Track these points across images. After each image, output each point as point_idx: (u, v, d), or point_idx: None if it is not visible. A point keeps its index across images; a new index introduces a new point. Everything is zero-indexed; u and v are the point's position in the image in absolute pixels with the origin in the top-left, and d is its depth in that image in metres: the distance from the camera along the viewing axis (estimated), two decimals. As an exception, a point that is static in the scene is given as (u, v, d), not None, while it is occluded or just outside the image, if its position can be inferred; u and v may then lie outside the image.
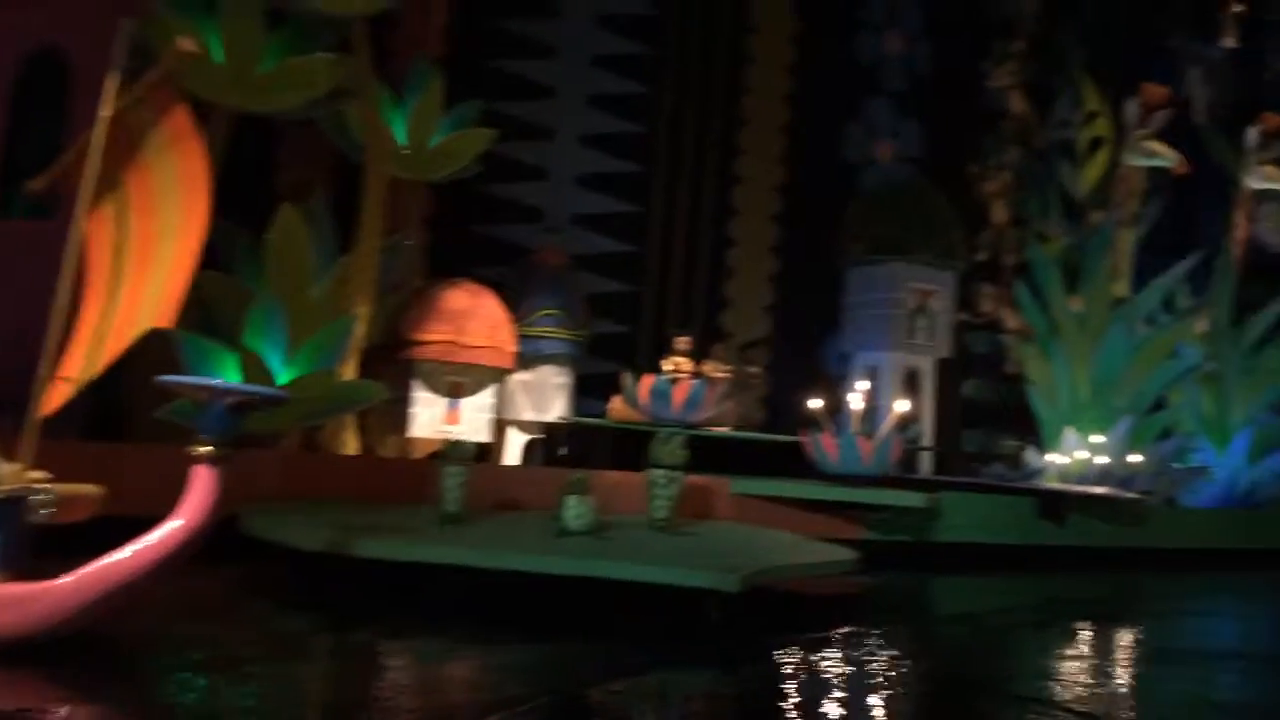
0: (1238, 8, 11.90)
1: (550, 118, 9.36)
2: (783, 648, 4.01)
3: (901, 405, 7.34)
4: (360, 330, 6.29)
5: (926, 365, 9.83)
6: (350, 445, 6.50)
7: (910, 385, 9.56)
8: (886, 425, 7.16)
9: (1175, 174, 10.98)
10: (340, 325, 5.94)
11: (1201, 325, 10.93)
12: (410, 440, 6.90)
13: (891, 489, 6.94)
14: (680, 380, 7.00)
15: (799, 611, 5.07)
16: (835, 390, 8.20)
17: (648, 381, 6.98)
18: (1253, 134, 11.39)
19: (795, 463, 7.18)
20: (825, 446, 6.92)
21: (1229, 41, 12.07)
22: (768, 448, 7.76)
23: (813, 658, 3.93)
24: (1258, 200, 11.64)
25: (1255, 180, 11.44)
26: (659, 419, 6.83)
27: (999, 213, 11.12)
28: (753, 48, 10.45)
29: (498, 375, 7.09)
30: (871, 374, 9.32)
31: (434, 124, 7.02)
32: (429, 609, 4.32)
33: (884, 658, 4.15)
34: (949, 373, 10.29)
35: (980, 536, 7.52)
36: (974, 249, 10.76)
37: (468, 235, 8.77)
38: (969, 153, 11.15)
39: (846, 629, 4.58)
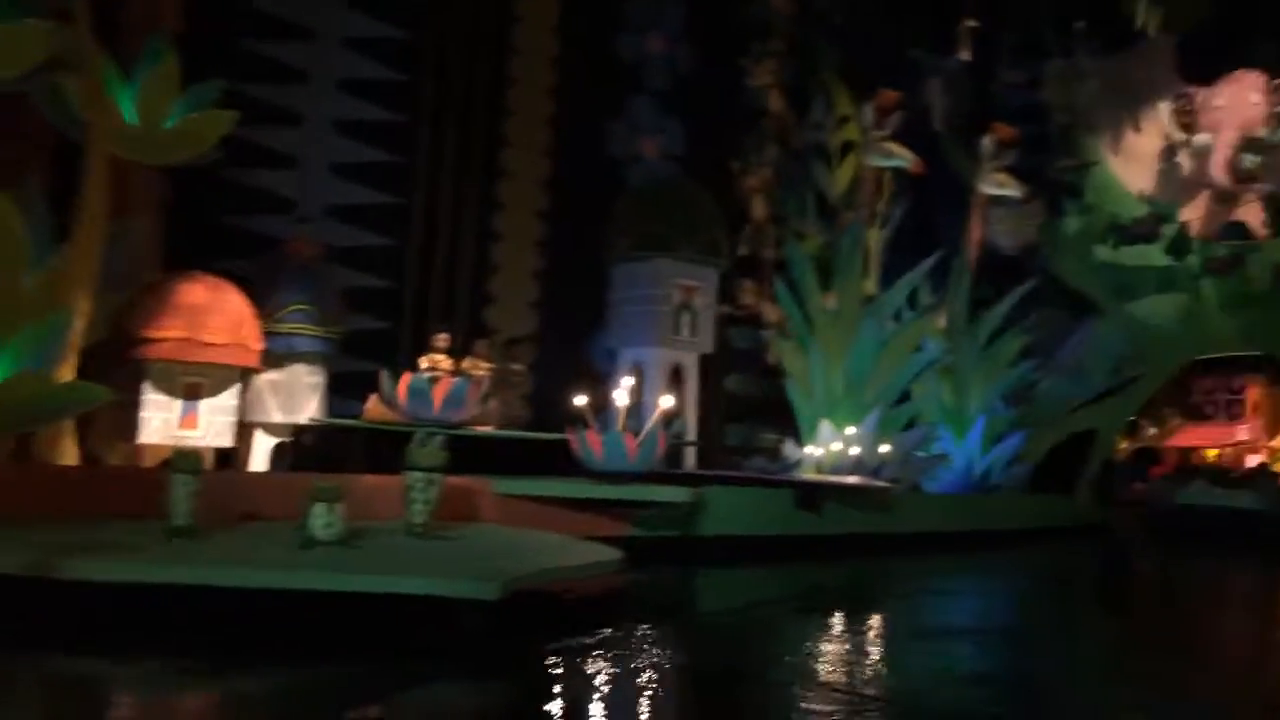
0: (971, 24, 12.75)
1: (302, 102, 8.85)
2: (549, 653, 3.88)
3: (666, 401, 7.37)
4: (79, 326, 5.68)
5: (690, 361, 9.96)
6: (69, 454, 5.88)
7: (675, 381, 9.66)
8: (652, 421, 7.17)
9: (912, 173, 11.64)
10: (54, 321, 5.34)
11: (941, 321, 11.68)
12: (140, 447, 6.33)
13: (657, 485, 6.96)
14: (440, 378, 6.77)
15: (566, 614, 4.94)
16: (601, 387, 8.16)
17: (406, 380, 6.70)
18: (987, 142, 12.26)
19: (561, 461, 7.08)
20: (591, 444, 6.85)
21: (964, 55, 12.92)
22: (532, 446, 7.62)
23: (580, 661, 3.83)
24: (990, 205, 12.54)
25: (988, 186, 12.34)
26: (418, 419, 6.58)
27: (759, 208, 11.44)
28: (516, 38, 10.27)
29: (241, 375, 6.64)
30: (637, 370, 9.35)
31: (169, 104, 6.45)
32: (155, 635, 3.86)
33: (652, 655, 4.10)
34: (712, 368, 10.48)
35: (743, 529, 7.68)
36: (735, 244, 11.01)
37: (209, 225, 8.13)
38: (730, 150, 11.40)
39: (614, 629, 4.50)
